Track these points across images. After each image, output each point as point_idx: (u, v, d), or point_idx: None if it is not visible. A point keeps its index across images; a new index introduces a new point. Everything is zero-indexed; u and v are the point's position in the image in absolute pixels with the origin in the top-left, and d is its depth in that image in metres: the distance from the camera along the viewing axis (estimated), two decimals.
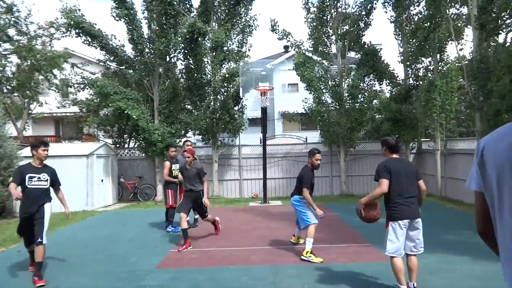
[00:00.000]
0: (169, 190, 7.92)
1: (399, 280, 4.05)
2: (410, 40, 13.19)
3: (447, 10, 11.07)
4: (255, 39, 40.73)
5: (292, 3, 63.20)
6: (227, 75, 13.13)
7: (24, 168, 5.04)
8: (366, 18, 13.48)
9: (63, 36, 14.93)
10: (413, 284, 4.13)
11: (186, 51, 13.07)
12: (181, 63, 13.64)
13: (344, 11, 13.59)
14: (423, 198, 4.29)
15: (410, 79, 13.68)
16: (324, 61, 13.97)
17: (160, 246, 6.73)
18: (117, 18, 12.45)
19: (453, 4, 11.50)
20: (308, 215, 5.76)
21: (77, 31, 12.45)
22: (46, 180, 5.06)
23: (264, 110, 12.03)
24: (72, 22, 12.22)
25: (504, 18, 9.40)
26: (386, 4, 13.78)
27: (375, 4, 13.40)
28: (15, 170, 5.36)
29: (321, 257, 5.59)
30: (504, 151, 1.29)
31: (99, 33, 12.54)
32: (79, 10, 12.46)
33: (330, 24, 13.58)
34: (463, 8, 11.43)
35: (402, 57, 13.55)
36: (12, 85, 14.78)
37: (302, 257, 5.59)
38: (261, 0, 62.14)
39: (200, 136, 14.12)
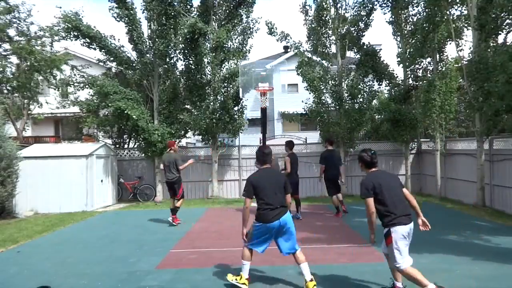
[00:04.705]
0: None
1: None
2: (409, 41, 13.18)
3: (446, 11, 11.05)
4: (255, 40, 40.83)
5: (291, 3, 63.28)
6: (227, 76, 13.12)
7: None
8: (366, 19, 13.48)
9: (64, 38, 14.90)
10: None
11: (186, 52, 13.05)
12: (181, 64, 13.66)
13: (343, 11, 13.58)
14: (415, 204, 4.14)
15: (410, 79, 13.67)
16: (323, 62, 13.97)
17: (160, 246, 6.72)
18: (118, 19, 12.45)
19: (453, 3, 11.48)
20: None
21: (75, 33, 12.45)
22: None
23: (263, 110, 12.01)
24: (70, 26, 12.23)
25: (504, 19, 9.39)
26: (384, 5, 13.75)
27: (376, 5, 13.40)
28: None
29: (321, 257, 5.56)
30: None
31: (98, 34, 12.53)
32: (77, 13, 12.47)
33: (330, 25, 13.57)
34: (462, 7, 11.41)
35: (400, 58, 13.54)
36: (12, 85, 14.74)
37: None
38: (261, 0, 62.20)
39: (200, 136, 14.10)
